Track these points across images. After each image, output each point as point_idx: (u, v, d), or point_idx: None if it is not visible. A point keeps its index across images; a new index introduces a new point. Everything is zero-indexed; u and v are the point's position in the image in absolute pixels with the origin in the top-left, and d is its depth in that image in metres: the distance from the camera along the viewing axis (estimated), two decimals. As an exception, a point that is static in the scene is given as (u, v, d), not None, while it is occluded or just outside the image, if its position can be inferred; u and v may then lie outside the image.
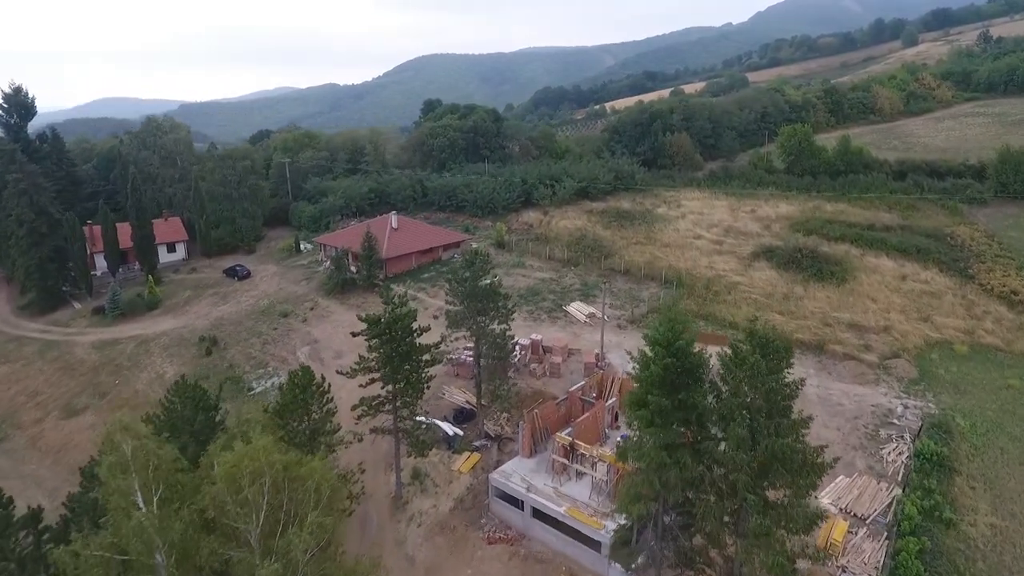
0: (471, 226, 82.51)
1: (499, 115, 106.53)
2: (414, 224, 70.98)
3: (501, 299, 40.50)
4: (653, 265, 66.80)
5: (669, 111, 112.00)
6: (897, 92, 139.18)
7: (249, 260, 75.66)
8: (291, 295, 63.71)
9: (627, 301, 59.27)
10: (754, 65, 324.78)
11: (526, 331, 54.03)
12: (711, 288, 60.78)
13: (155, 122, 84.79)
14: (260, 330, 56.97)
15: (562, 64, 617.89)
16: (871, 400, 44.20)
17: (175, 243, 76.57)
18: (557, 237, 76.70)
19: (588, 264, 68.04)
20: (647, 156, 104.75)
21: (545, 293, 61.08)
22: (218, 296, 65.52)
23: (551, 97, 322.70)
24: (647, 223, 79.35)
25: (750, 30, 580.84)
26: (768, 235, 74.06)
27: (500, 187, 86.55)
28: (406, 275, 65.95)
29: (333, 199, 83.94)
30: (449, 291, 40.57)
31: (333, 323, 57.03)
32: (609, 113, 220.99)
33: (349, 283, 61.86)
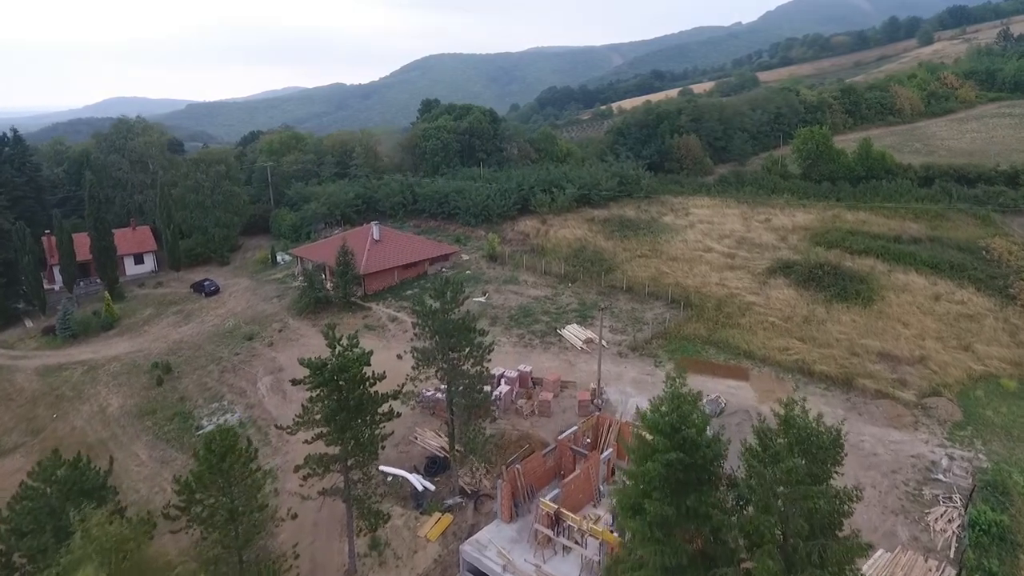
0: (463, 236, 76.73)
1: (496, 116, 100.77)
2: (398, 235, 65.28)
3: (476, 335, 34.57)
4: (659, 281, 60.79)
5: (677, 112, 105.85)
6: (918, 92, 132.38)
7: (221, 273, 70.18)
8: (260, 314, 58.13)
9: (629, 324, 53.31)
10: (765, 64, 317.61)
11: (515, 359, 48.22)
12: (723, 309, 54.70)
13: (126, 123, 79.48)
14: (221, 355, 51.39)
15: (570, 64, 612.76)
16: (910, 448, 38.06)
17: (143, 254, 71.20)
18: (555, 248, 70.80)
19: (587, 280, 62.10)
20: (653, 160, 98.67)
21: (538, 314, 55.19)
22: (181, 315, 60.01)
23: (557, 97, 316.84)
24: (652, 233, 73.30)
25: (759, 29, 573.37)
26: (784, 248, 67.87)
27: (495, 194, 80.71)
28: (387, 292, 60.25)
29: (315, 206, 78.34)
30: (416, 324, 34.68)
31: (302, 348, 51.31)
32: (615, 113, 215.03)
33: (323, 302, 56.20)
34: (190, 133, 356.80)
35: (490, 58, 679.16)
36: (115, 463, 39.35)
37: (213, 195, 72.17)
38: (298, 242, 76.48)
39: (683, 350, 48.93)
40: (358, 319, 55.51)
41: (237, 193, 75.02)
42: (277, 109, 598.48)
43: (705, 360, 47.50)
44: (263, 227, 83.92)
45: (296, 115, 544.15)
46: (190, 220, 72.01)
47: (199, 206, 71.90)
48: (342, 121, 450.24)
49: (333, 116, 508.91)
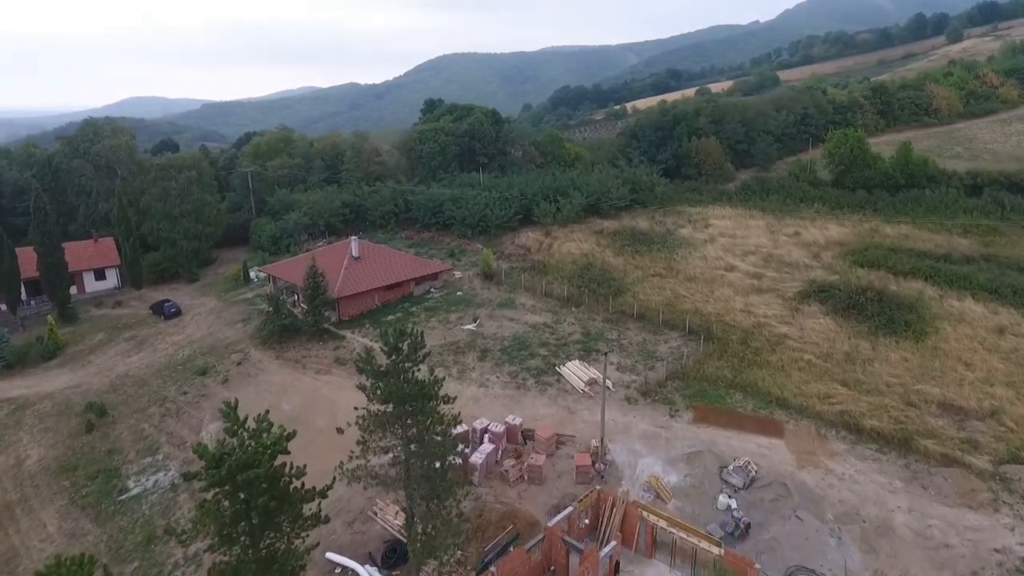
0: (457, 249, 69.54)
1: (499, 117, 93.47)
2: (381, 251, 58.21)
3: (440, 403, 27.32)
4: (674, 307, 53.20)
5: (695, 112, 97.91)
6: (955, 91, 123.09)
7: (188, 292, 63.56)
8: (220, 342, 51.33)
9: (640, 359, 45.78)
10: (785, 63, 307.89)
11: (504, 405, 40.91)
12: (749, 343, 46.97)
13: (93, 125, 73.20)
14: (166, 394, 44.62)
15: (584, 63, 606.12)
16: (992, 539, 30.21)
17: (105, 269, 64.77)
18: (558, 265, 63.40)
19: (593, 304, 54.64)
20: (669, 165, 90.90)
21: (535, 346, 47.82)
22: (134, 341, 53.39)
23: (570, 96, 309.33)
24: (667, 248, 65.64)
25: (778, 28, 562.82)
26: (818, 267, 59.97)
27: (494, 202, 73.49)
28: (366, 317, 53.20)
29: (297, 215, 71.59)
30: (363, 386, 27.43)
31: (260, 387, 44.46)
32: (630, 114, 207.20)
33: (290, 329, 49.23)
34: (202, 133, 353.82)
35: (504, 57, 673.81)
36: (14, 538, 32.72)
37: (181, 204, 65.57)
38: (277, 256, 69.77)
39: (703, 395, 41.33)
40: (329, 350, 48.53)
41: (209, 202, 68.39)
42: (291, 109, 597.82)
43: (730, 409, 39.87)
44: (245, 238, 77.39)
45: (309, 115, 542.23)
46: (157, 232, 65.54)
47: (166, 216, 65.37)
48: (355, 121, 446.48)
49: (346, 116, 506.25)
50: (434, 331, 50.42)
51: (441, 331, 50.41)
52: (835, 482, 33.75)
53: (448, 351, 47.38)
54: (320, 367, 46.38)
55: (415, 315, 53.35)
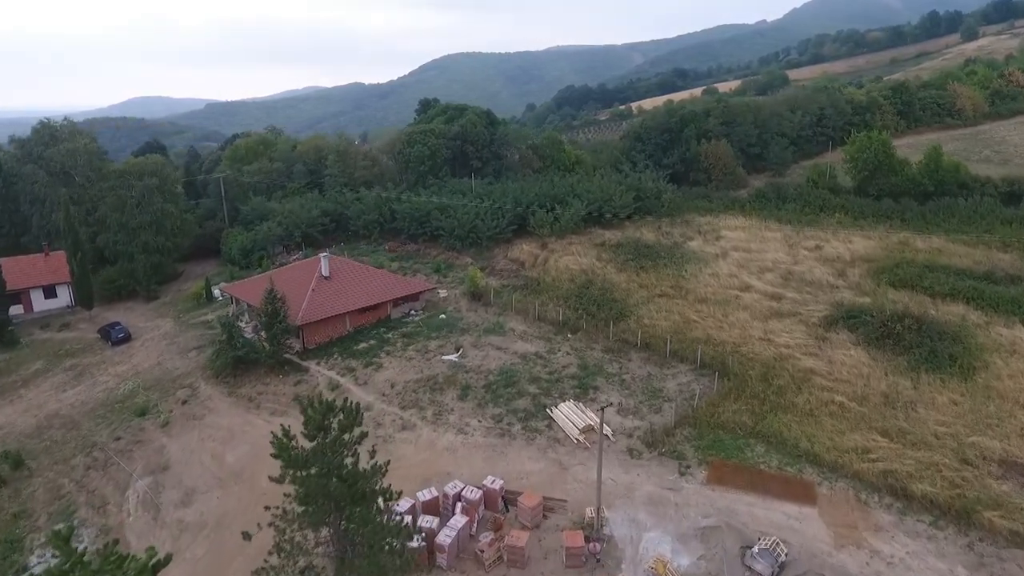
0: (444, 264, 63.48)
1: (494, 118, 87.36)
2: (355, 269, 52.16)
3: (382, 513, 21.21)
4: (684, 334, 46.97)
5: (704, 113, 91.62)
6: (979, 90, 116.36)
7: (145, 312, 57.72)
8: (168, 374, 45.41)
9: (645, 399, 39.63)
10: (794, 62, 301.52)
11: (484, 459, 34.83)
12: (771, 380, 40.69)
13: (49, 127, 67.44)
14: (97, 439, 38.71)
15: (589, 63, 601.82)
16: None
17: (56, 286, 58.98)
18: (555, 283, 57.25)
19: (592, 330, 48.49)
20: (676, 169, 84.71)
21: (524, 382, 41.68)
22: (74, 372, 47.54)
23: (575, 96, 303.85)
24: (676, 264, 59.41)
25: (786, 27, 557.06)
26: (844, 286, 53.64)
27: (486, 212, 67.43)
28: (335, 345, 47.16)
29: (271, 226, 65.65)
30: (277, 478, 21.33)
31: (204, 431, 38.48)
32: (635, 114, 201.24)
33: (246, 361, 43.23)
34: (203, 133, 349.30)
35: (509, 57, 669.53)
36: None
37: (140, 215, 59.72)
38: (248, 270, 63.88)
39: (719, 447, 35.14)
40: (288, 385, 42.54)
41: (171, 212, 62.46)
42: (295, 109, 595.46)
43: (751, 466, 33.66)
44: (218, 249, 71.49)
45: (314, 115, 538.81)
46: (113, 245, 59.81)
47: (123, 228, 59.56)
48: (359, 121, 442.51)
49: (350, 116, 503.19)
50: (411, 362, 44.45)
51: (419, 362, 44.38)
52: (883, 568, 27.54)
53: (425, 388, 41.34)
54: (276, 406, 40.40)
55: (391, 342, 47.30)
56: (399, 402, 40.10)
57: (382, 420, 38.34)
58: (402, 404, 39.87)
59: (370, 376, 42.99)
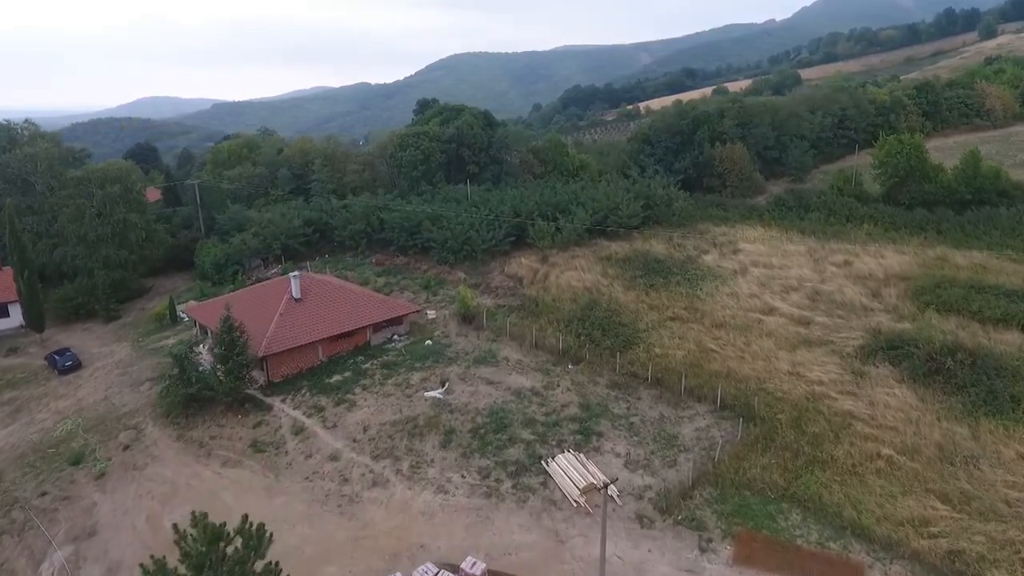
0: (434, 280, 57.95)
1: (492, 119, 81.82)
2: (331, 289, 46.65)
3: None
4: (700, 366, 41.30)
5: (718, 114, 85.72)
6: (1009, 89, 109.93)
7: (102, 334, 52.47)
8: (113, 412, 40.09)
9: (657, 449, 33.99)
10: (806, 61, 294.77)
11: (465, 527, 29.28)
12: (805, 426, 34.96)
13: (7, 130, 62.31)
14: (20, 494, 33.41)
15: (597, 62, 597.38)
16: None
17: (8, 304, 53.84)
18: (555, 303, 51.60)
19: (596, 360, 42.86)
20: (688, 175, 78.89)
21: (517, 425, 36.09)
22: (11, 407, 42.30)
23: (581, 96, 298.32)
24: (689, 281, 53.73)
25: (795, 26, 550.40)
26: (880, 309, 47.78)
27: (481, 222, 61.90)
28: (304, 377, 41.69)
29: (245, 237, 60.32)
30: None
31: (143, 486, 33.12)
32: (643, 114, 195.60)
33: (199, 399, 37.83)
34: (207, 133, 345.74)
35: (516, 57, 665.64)
36: None
37: (100, 226, 54.55)
38: (221, 287, 58.58)
39: (746, 513, 29.47)
40: (247, 427, 37.14)
41: (135, 223, 57.20)
42: (301, 109, 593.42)
43: (786, 541, 27.96)
44: (193, 262, 66.20)
45: (320, 115, 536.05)
46: (71, 260, 54.74)
47: (81, 240, 54.44)
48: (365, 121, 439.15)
49: (356, 116, 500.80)
50: (389, 399, 38.96)
51: (398, 400, 38.88)
52: None
53: (402, 432, 35.84)
54: (230, 455, 35.02)
55: (368, 374, 41.81)
56: (371, 450, 34.66)
57: (349, 474, 32.88)
58: (375, 453, 34.42)
59: (341, 416, 37.53)
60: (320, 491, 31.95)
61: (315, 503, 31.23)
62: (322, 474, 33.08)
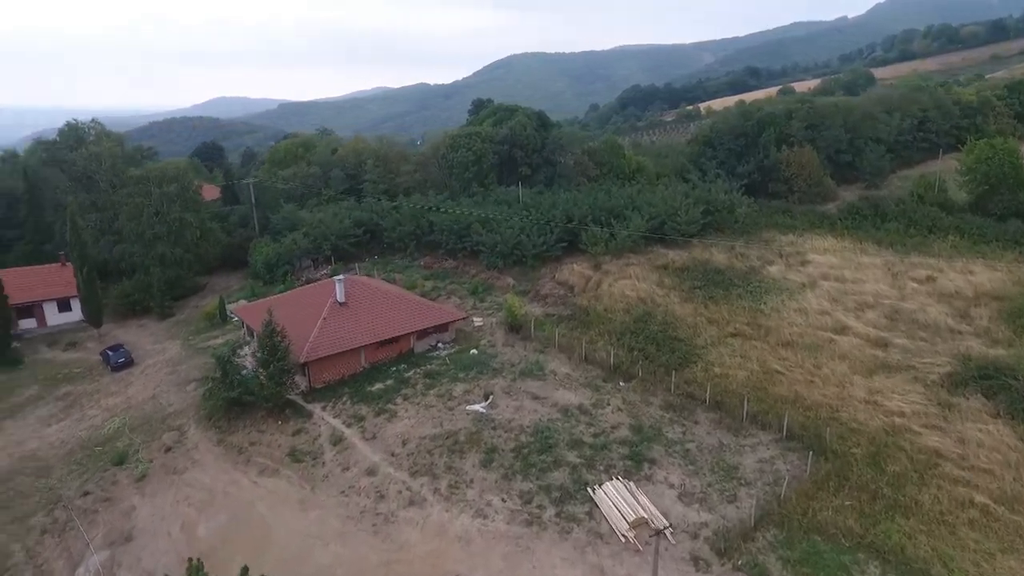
0: (482, 285, 56.35)
1: (546, 120, 79.60)
2: (376, 293, 45.57)
3: None
4: (764, 389, 38.18)
5: (786, 115, 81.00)
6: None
7: (156, 331, 53.14)
8: (159, 412, 40.08)
9: (715, 481, 31.25)
10: (880, 60, 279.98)
11: (504, 557, 27.39)
12: (883, 463, 31.54)
13: (75, 129, 64.30)
14: (65, 492, 33.51)
15: (657, 62, 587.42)
16: None
17: (71, 299, 55.27)
18: (607, 314, 49.12)
19: (650, 377, 40.26)
20: (753, 179, 74.75)
21: (563, 447, 33.97)
22: (65, 402, 42.98)
23: (640, 96, 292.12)
24: (752, 294, 50.32)
25: (868, 23, 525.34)
26: (970, 332, 43.34)
27: (532, 226, 59.93)
28: (346, 384, 40.69)
29: (296, 237, 60.22)
30: None
31: (181, 492, 32.62)
32: (703, 115, 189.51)
33: (239, 403, 37.30)
34: (272, 133, 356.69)
35: (574, 57, 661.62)
36: None
37: (157, 224, 55.40)
38: (272, 285, 58.68)
39: (816, 562, 26.49)
40: (286, 434, 36.32)
41: (189, 222, 57.89)
42: (362, 109, 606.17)
43: (863, 598, 24.86)
44: (247, 261, 66.75)
45: (379, 115, 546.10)
46: (129, 257, 55.79)
47: (139, 238, 55.40)
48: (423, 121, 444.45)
49: (415, 116, 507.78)
50: (430, 411, 37.46)
51: (439, 412, 37.34)
52: None
53: (441, 448, 34.24)
54: (268, 463, 34.22)
55: (410, 383, 40.47)
56: (410, 466, 33.19)
57: (386, 491, 31.49)
58: (413, 469, 32.93)
59: (380, 427, 36.26)
60: (355, 507, 30.68)
61: (349, 520, 29.97)
62: (358, 489, 31.82)
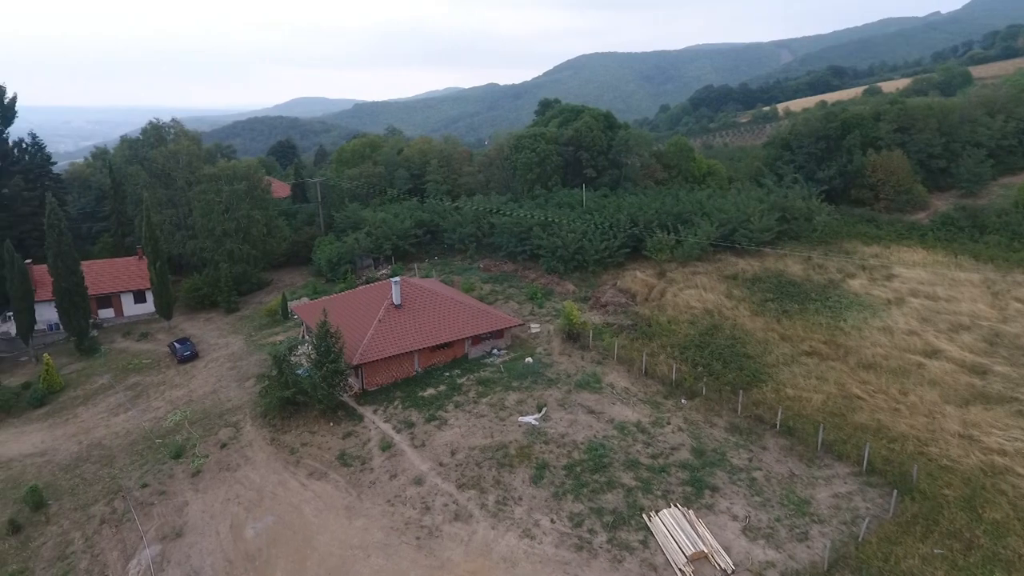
0: (541, 290, 54.97)
1: (613, 121, 77.30)
2: (432, 297, 44.93)
3: None
4: (843, 415, 35.10)
5: (873, 117, 75.68)
6: None
7: (222, 325, 54.49)
8: (218, 406, 40.78)
9: (784, 515, 28.72)
10: (979, 57, 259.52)
11: (551, 585, 25.86)
12: (980, 508, 28.14)
13: (157, 129, 67.12)
14: (125, 482, 34.38)
15: (732, 61, 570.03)
16: None
17: (146, 291, 57.59)
18: (670, 325, 46.78)
19: (714, 396, 37.85)
20: (833, 185, 70.11)
21: (618, 467, 32.16)
22: (134, 392, 44.43)
23: (713, 97, 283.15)
24: (831, 310, 46.84)
25: (963, 19, 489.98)
26: (1085, 362, 38.54)
27: (594, 230, 58.16)
28: (398, 387, 40.23)
29: (358, 236, 60.63)
30: None
31: (232, 490, 32.83)
32: (781, 116, 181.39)
33: (293, 403, 37.41)
34: (346, 132, 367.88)
35: (646, 56, 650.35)
36: None
37: (226, 221, 56.94)
38: (333, 283, 59.33)
39: (899, 616, 23.67)
40: (337, 437, 36.11)
41: (257, 219, 59.24)
42: (433, 109, 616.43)
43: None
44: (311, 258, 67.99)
45: (449, 115, 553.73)
46: (200, 252, 57.63)
47: (210, 234, 57.10)
48: (492, 121, 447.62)
49: (484, 116, 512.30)
50: (481, 420, 36.41)
51: (491, 422, 36.25)
52: None
53: (490, 460, 33.10)
54: (317, 465, 34.02)
55: (463, 390, 39.58)
56: (457, 477, 32.20)
57: (432, 503, 30.60)
58: (460, 481, 31.92)
59: (430, 435, 35.48)
60: (400, 518, 29.92)
61: (393, 531, 29.23)
62: (404, 499, 31.07)
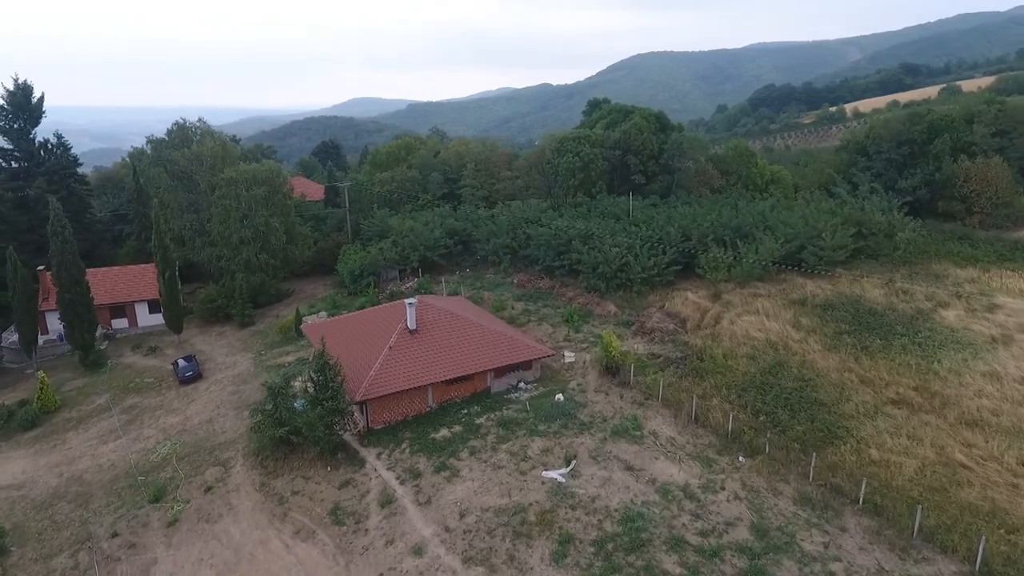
0: (579, 311, 49.20)
1: (666, 122, 70.72)
2: (453, 321, 39.83)
3: None
4: (945, 491, 28.21)
5: (965, 119, 66.80)
6: None
7: (234, 341, 50.88)
8: (211, 438, 36.79)
9: (871, 628, 22.25)
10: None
11: None
12: None
13: (182, 130, 64.47)
14: (95, 529, 30.55)
15: (795, 60, 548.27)
16: None
17: (159, 301, 54.69)
18: (726, 359, 40.35)
19: (780, 453, 31.41)
20: (919, 196, 61.83)
21: (658, 545, 26.27)
22: (129, 415, 41.02)
23: (774, 97, 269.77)
24: (921, 346, 39.51)
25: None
26: None
27: (642, 245, 52.08)
28: (408, 426, 35.32)
29: (384, 246, 56.29)
30: None
31: (208, 547, 28.51)
32: (848, 117, 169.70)
33: (288, 443, 32.96)
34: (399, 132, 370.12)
35: (703, 55, 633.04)
36: None
37: (243, 228, 53.51)
38: (356, 297, 55.13)
39: None
40: (333, 485, 31.43)
41: (275, 227, 55.61)
42: (485, 109, 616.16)
43: None
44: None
45: (501, 115, 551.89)
46: (217, 261, 54.45)
47: (227, 243, 53.81)
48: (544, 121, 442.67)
49: (536, 116, 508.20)
50: (498, 473, 31.09)
51: (509, 475, 30.88)
52: None
53: (505, 528, 27.71)
54: (306, 521, 29.39)
55: (481, 433, 34.35)
56: (464, 548, 26.97)
57: (430, 582, 25.47)
58: (467, 554, 26.68)
59: (438, 490, 30.37)
60: None
61: None
62: (399, 573, 26.07)
